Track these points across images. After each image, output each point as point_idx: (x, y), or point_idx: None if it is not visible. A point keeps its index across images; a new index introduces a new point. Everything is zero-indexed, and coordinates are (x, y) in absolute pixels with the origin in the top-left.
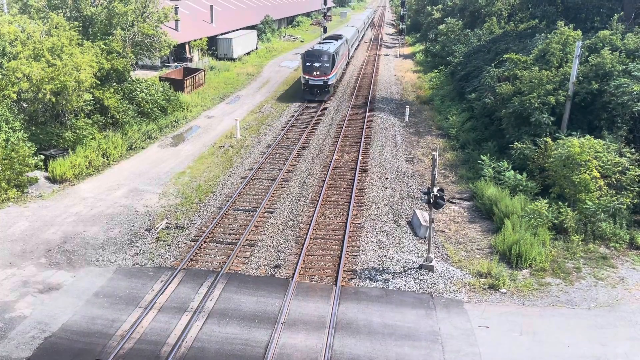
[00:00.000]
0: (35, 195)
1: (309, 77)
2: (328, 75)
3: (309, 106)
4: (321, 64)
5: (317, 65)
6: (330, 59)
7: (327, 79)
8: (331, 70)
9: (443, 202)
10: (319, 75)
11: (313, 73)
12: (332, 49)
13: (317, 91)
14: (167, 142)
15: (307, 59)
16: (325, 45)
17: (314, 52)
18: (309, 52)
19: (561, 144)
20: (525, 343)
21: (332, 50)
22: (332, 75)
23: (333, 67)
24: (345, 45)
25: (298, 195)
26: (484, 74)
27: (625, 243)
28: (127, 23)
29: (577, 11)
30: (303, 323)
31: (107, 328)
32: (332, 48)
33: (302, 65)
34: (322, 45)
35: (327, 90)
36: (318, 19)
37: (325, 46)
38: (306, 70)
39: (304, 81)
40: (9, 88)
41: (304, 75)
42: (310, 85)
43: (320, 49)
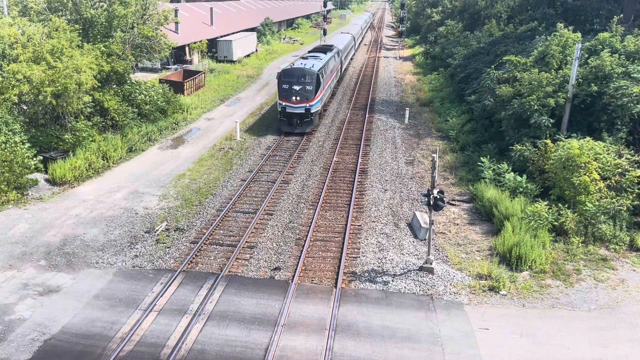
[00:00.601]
0: (35, 197)
1: (286, 103)
2: (311, 100)
3: None
4: (302, 86)
5: (296, 88)
6: (314, 80)
7: (310, 106)
8: (315, 94)
9: (443, 204)
10: (299, 102)
11: (292, 98)
12: (317, 66)
13: (296, 121)
14: (167, 144)
15: (284, 80)
16: (309, 61)
17: (294, 71)
18: (287, 72)
19: (561, 146)
20: (526, 345)
21: (317, 69)
22: (316, 100)
23: (318, 90)
24: (336, 58)
25: (298, 197)
26: (483, 76)
27: (625, 245)
28: (127, 25)
29: (577, 13)
30: (303, 325)
31: (107, 330)
32: (317, 65)
33: (278, 87)
34: (305, 62)
35: (310, 120)
36: (318, 22)
37: (308, 63)
38: (283, 95)
39: (281, 108)
40: (9, 90)
41: (280, 100)
42: (288, 113)
43: (301, 68)
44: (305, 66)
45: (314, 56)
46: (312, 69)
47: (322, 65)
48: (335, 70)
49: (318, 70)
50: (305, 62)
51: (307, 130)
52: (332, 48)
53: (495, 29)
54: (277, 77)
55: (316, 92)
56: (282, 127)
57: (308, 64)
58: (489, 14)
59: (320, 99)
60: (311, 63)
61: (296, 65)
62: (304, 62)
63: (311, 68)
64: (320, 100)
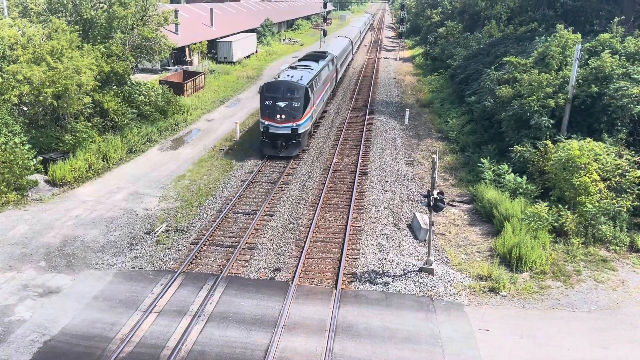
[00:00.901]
0: (35, 198)
1: (269, 122)
2: (298, 119)
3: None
4: (288, 103)
5: (281, 105)
6: (302, 95)
7: (297, 126)
8: (304, 111)
9: (443, 205)
10: (284, 120)
11: (276, 117)
12: (306, 79)
13: (281, 143)
14: (167, 145)
15: (267, 96)
16: (298, 73)
17: (278, 85)
18: (271, 86)
19: (561, 146)
20: (526, 346)
21: (306, 82)
22: (304, 119)
23: (307, 106)
24: (330, 66)
25: (298, 198)
26: (483, 77)
27: (625, 246)
28: (127, 26)
29: (576, 14)
30: (303, 326)
31: (106, 331)
32: (306, 78)
33: (260, 104)
34: (292, 74)
35: (297, 143)
36: (318, 23)
37: (296, 75)
38: (266, 113)
39: (263, 128)
40: (9, 92)
41: (262, 119)
42: (272, 134)
43: (287, 81)
44: (292, 79)
45: (304, 66)
46: (300, 82)
47: (312, 77)
48: (330, 80)
49: (307, 84)
50: (293, 73)
51: (294, 154)
52: (326, 55)
53: (495, 30)
54: (259, 92)
55: (305, 109)
56: (265, 149)
57: (296, 75)
58: (489, 15)
59: (310, 117)
60: (299, 75)
61: (282, 77)
62: (292, 73)
63: (299, 81)
64: (310, 118)
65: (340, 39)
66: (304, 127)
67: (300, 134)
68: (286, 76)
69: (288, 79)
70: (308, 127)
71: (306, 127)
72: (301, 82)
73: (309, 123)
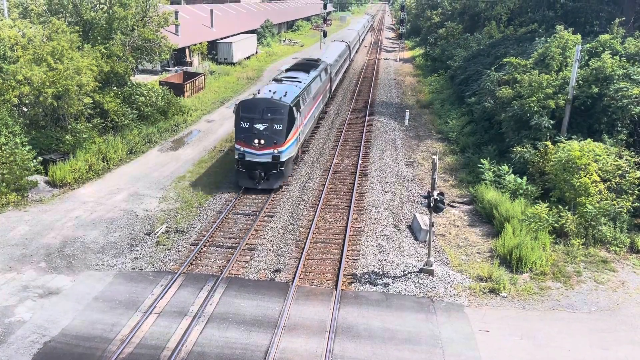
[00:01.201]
0: (35, 199)
1: (245, 148)
2: (280, 144)
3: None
4: (268, 125)
5: (260, 128)
6: (286, 116)
7: (279, 153)
8: (287, 135)
9: (443, 206)
10: (263, 146)
11: (253, 142)
12: (291, 95)
13: (260, 174)
14: (167, 146)
15: (243, 117)
16: (282, 87)
17: (257, 104)
18: (248, 105)
19: (561, 147)
20: (526, 347)
21: (291, 99)
22: (288, 144)
23: (292, 128)
24: (322, 77)
25: (298, 199)
26: (483, 78)
27: (625, 247)
28: (127, 27)
29: (576, 15)
30: (303, 327)
31: (107, 332)
32: (291, 94)
33: (235, 126)
34: (276, 89)
35: (280, 173)
36: (318, 24)
37: (279, 90)
38: (241, 137)
39: (238, 155)
40: (10, 92)
41: (237, 144)
42: (249, 163)
43: (267, 99)
44: (275, 96)
45: (291, 78)
46: (284, 100)
47: (299, 93)
48: (323, 93)
49: (292, 102)
50: (276, 88)
51: (275, 186)
52: (319, 64)
53: (495, 30)
54: (234, 112)
55: (289, 132)
56: (240, 180)
57: (279, 91)
58: (489, 16)
59: (296, 140)
60: (283, 90)
61: (262, 94)
62: (275, 88)
63: (282, 99)
64: (296, 141)
65: (337, 43)
66: (287, 154)
67: (283, 162)
68: (267, 92)
69: (269, 95)
70: (293, 153)
71: (290, 154)
72: (284, 100)
73: (294, 148)
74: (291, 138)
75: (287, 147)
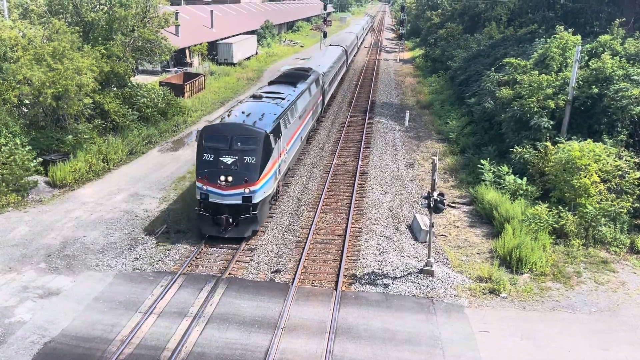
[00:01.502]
0: (35, 200)
1: (209, 187)
2: (253, 182)
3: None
4: (238, 157)
5: (227, 161)
6: (261, 146)
7: (252, 193)
8: (263, 170)
9: (443, 207)
10: (232, 185)
11: (219, 179)
12: (268, 119)
13: (227, 219)
14: (168, 146)
15: (207, 146)
16: (258, 108)
17: (224, 130)
18: (213, 131)
19: (561, 148)
20: (526, 348)
21: (268, 125)
22: (264, 180)
23: (268, 160)
24: (312, 90)
25: (298, 200)
26: (483, 79)
27: (625, 247)
28: (128, 28)
29: (576, 16)
30: (303, 328)
31: (107, 333)
32: (269, 117)
33: (197, 157)
34: (250, 110)
35: (253, 218)
36: (318, 24)
37: (255, 112)
38: (204, 173)
39: (201, 196)
40: (9, 92)
41: (199, 182)
42: (213, 205)
43: (238, 124)
44: (248, 119)
45: (273, 94)
46: (259, 125)
47: (281, 113)
48: (313, 108)
49: (270, 127)
50: (251, 108)
51: (247, 234)
52: (309, 74)
53: (495, 31)
54: (197, 139)
55: (264, 166)
56: (203, 227)
57: (255, 113)
58: (489, 16)
59: (274, 175)
60: (260, 111)
61: (233, 116)
62: (250, 108)
63: (256, 124)
64: (274, 176)
65: (332, 48)
66: (262, 193)
67: (257, 205)
68: (240, 114)
69: (241, 119)
70: (270, 191)
71: (266, 192)
72: (260, 126)
73: (272, 184)
74: (268, 173)
75: (261, 185)
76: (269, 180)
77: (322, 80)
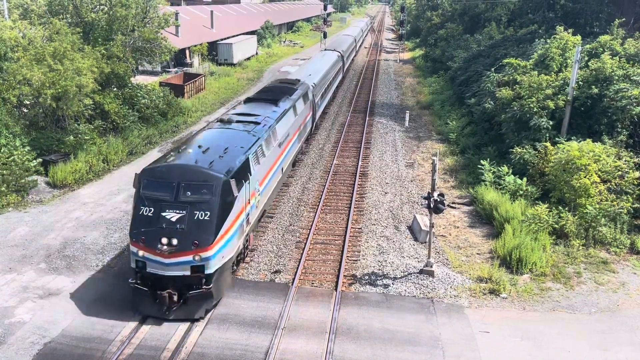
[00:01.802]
0: (36, 200)
1: (146, 253)
2: (206, 247)
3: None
4: (185, 213)
5: (171, 217)
6: (218, 196)
7: (205, 259)
8: (220, 229)
9: (443, 207)
10: (177, 251)
11: (159, 243)
12: (233, 156)
13: (170, 296)
14: (168, 147)
15: (145, 195)
16: (222, 140)
17: (169, 174)
18: (153, 175)
19: (561, 148)
20: (526, 348)
21: (232, 166)
22: (221, 243)
23: (228, 215)
24: (298, 107)
25: (298, 200)
26: (483, 79)
27: (625, 248)
28: (128, 28)
29: (576, 16)
30: (303, 328)
31: (107, 333)
32: (234, 154)
33: (134, 211)
34: (211, 142)
35: (207, 294)
36: (318, 25)
37: (216, 146)
38: (140, 233)
39: (136, 264)
40: (9, 92)
41: (133, 245)
42: (153, 278)
43: (187, 167)
44: (202, 158)
45: (247, 116)
46: (216, 168)
47: (250, 147)
48: (300, 128)
49: (234, 171)
50: (213, 140)
51: (197, 316)
52: (295, 87)
53: (496, 32)
54: (134, 185)
55: (221, 223)
56: (139, 305)
57: (215, 146)
58: (489, 17)
59: (237, 232)
60: (224, 144)
61: (184, 154)
62: (211, 140)
63: (213, 166)
64: (238, 233)
65: (328, 54)
66: (219, 260)
67: (212, 275)
68: (194, 150)
69: (193, 158)
70: (232, 254)
71: (226, 257)
72: (217, 169)
73: (235, 244)
74: (228, 231)
75: (218, 248)
76: (230, 239)
77: (313, 93)
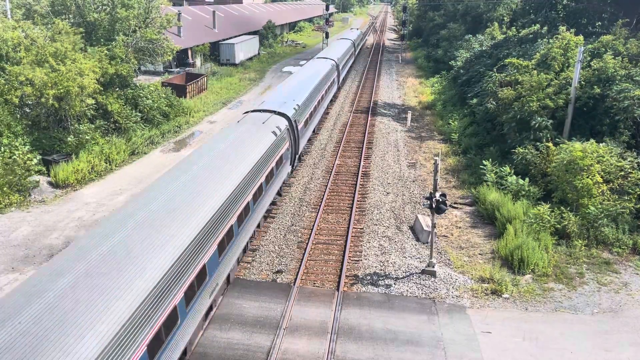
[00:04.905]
0: (38, 200)
1: None
2: None
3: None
4: None
5: None
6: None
7: None
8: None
9: (445, 207)
10: None
11: None
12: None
13: None
14: (170, 147)
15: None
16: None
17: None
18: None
19: (564, 148)
20: (528, 349)
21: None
22: None
23: None
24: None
25: (300, 201)
26: (485, 79)
27: (628, 248)
28: (130, 29)
29: (579, 17)
30: (305, 328)
31: None
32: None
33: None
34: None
35: None
36: (320, 25)
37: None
38: None
39: None
40: (12, 92)
41: None
42: None
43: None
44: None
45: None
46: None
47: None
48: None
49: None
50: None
51: None
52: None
53: (498, 32)
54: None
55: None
56: None
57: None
58: (491, 17)
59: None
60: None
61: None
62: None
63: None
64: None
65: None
66: None
67: None
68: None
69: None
70: None
71: None
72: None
73: None
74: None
75: None
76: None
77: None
